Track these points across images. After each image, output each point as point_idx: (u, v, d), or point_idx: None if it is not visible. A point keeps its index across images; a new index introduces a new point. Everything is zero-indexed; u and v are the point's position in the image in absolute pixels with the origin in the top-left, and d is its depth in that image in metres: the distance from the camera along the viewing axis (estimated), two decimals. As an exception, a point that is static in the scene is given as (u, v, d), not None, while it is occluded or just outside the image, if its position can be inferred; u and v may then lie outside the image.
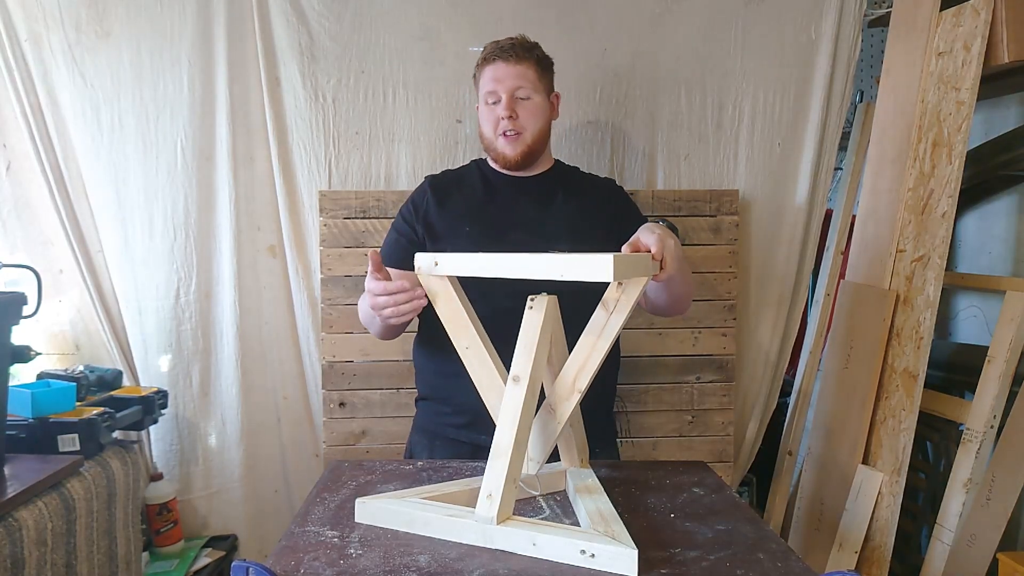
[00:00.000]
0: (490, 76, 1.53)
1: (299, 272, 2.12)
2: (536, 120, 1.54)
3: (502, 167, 1.58)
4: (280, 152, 2.07)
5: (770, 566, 0.96)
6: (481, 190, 1.60)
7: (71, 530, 1.49)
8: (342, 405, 2.07)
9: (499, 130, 1.53)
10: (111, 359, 2.09)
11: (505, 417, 1.07)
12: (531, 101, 1.53)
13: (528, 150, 1.54)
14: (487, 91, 1.53)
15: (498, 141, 1.54)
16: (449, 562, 0.97)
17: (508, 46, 1.53)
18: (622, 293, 1.08)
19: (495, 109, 1.53)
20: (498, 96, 1.52)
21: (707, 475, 1.34)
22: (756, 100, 2.15)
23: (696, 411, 2.14)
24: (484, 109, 1.56)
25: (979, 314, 2.15)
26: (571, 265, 1.01)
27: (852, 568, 1.82)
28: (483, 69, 1.55)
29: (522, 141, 1.53)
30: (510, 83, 1.51)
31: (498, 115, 1.52)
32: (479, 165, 1.67)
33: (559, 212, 1.56)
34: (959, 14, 1.78)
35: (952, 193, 1.75)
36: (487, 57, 1.54)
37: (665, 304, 1.48)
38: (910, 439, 1.77)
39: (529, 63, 1.53)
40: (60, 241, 2.04)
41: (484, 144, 1.60)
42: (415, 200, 1.62)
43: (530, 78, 1.52)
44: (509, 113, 1.51)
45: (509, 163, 1.56)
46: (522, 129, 1.53)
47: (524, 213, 1.56)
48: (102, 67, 1.99)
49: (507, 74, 1.51)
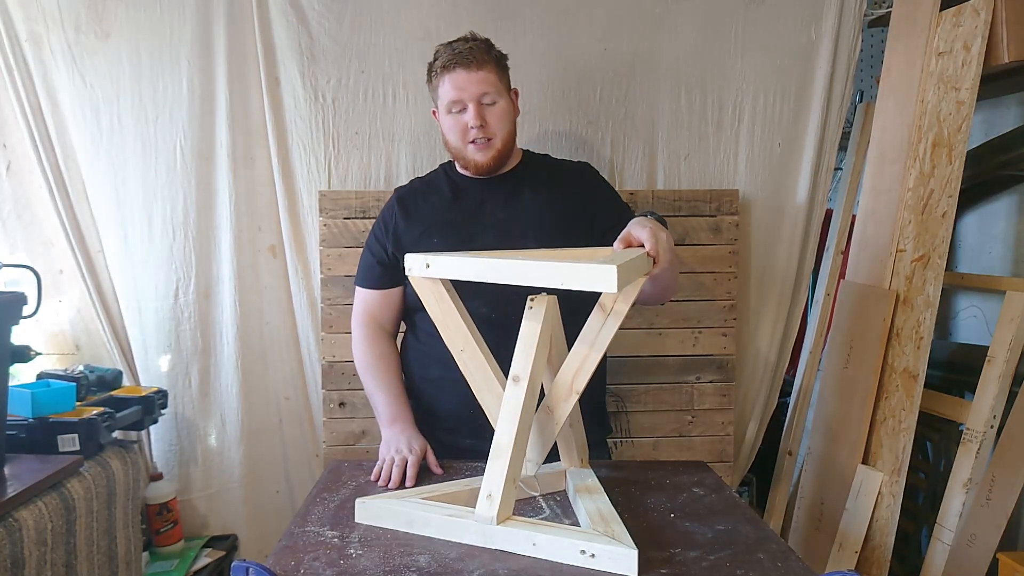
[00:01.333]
0: (452, 85, 1.48)
1: (299, 272, 2.12)
2: (504, 124, 1.51)
3: (474, 173, 1.56)
4: (280, 152, 2.07)
5: (770, 566, 0.96)
6: (449, 196, 1.59)
7: (71, 530, 1.49)
8: (342, 405, 2.07)
9: (468, 138, 1.50)
10: (111, 359, 2.09)
11: (505, 417, 1.07)
12: (497, 106, 1.49)
13: (499, 154, 1.52)
14: (450, 100, 1.48)
15: (467, 149, 1.51)
16: (449, 562, 0.97)
17: (466, 51, 1.48)
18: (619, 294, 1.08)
19: (460, 118, 1.49)
20: (463, 105, 1.48)
21: (707, 475, 1.34)
22: (756, 100, 2.14)
23: (696, 411, 2.14)
24: (448, 118, 1.51)
25: (979, 314, 2.15)
26: (572, 275, 0.98)
27: (852, 568, 1.82)
28: (442, 77, 1.49)
29: (492, 147, 1.51)
30: (474, 90, 1.47)
31: (466, 123, 1.48)
32: (446, 170, 1.64)
33: (527, 209, 1.55)
34: (959, 14, 1.78)
35: (952, 193, 1.75)
36: (445, 65, 1.48)
37: (650, 294, 1.46)
38: (910, 439, 1.77)
39: (490, 66, 1.49)
40: (60, 241, 2.04)
41: (452, 152, 1.57)
42: (384, 217, 1.61)
43: (492, 82, 1.48)
44: (480, 122, 1.47)
45: (481, 170, 1.54)
46: (492, 135, 1.50)
47: (492, 215, 1.54)
48: (101, 68, 1.99)
49: (470, 81, 1.46)
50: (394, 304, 1.60)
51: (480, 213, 1.55)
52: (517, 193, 1.57)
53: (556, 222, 1.52)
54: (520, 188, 1.57)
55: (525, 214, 1.54)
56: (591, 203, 1.55)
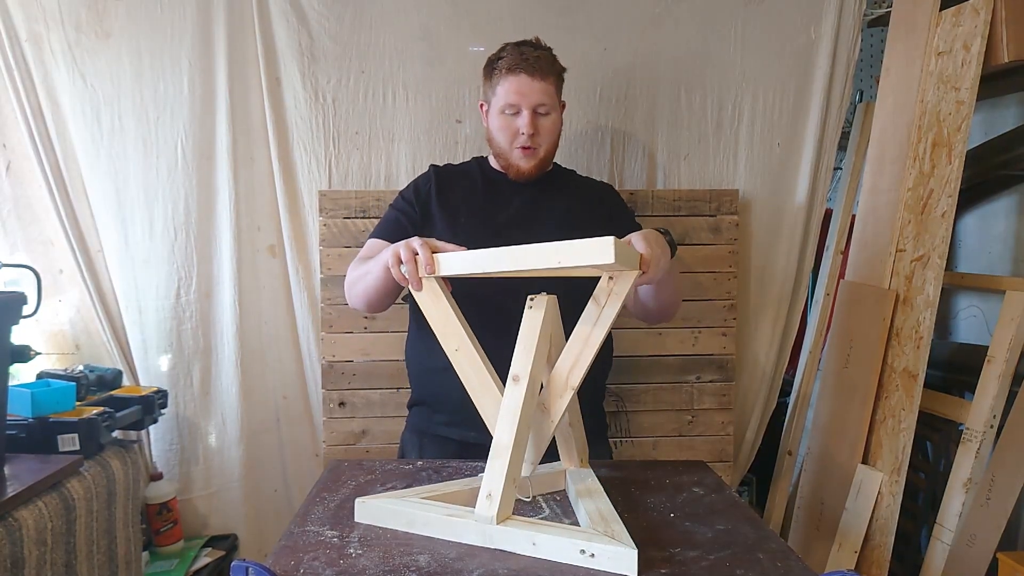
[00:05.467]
0: (512, 88, 1.49)
1: (299, 272, 2.12)
2: (552, 136, 1.55)
3: (513, 176, 1.58)
4: (280, 152, 2.08)
5: (770, 566, 0.96)
6: (481, 186, 1.61)
7: (71, 530, 1.49)
8: (342, 405, 2.07)
9: (517, 143, 1.52)
10: (111, 359, 2.09)
11: (505, 417, 1.07)
12: (549, 117, 1.53)
13: (541, 163, 1.56)
14: (508, 102, 1.50)
15: (514, 153, 1.54)
16: (449, 562, 0.97)
17: (534, 60, 1.49)
18: (613, 287, 1.09)
19: (513, 121, 1.51)
20: (519, 109, 1.50)
21: (707, 475, 1.34)
22: (756, 100, 2.15)
23: (696, 411, 2.14)
24: (499, 118, 1.53)
25: (979, 314, 2.15)
26: (569, 251, 1.00)
27: (852, 568, 1.82)
28: (504, 77, 1.50)
29: (536, 156, 1.54)
30: (534, 99, 1.49)
31: (517, 128, 1.51)
32: (480, 163, 1.67)
33: (552, 212, 1.57)
34: (959, 14, 1.78)
35: (952, 193, 1.75)
36: (511, 67, 1.49)
37: (654, 308, 1.50)
38: (910, 439, 1.77)
39: (551, 79, 1.51)
40: (60, 241, 2.04)
41: (495, 150, 1.58)
42: (418, 184, 1.62)
43: (550, 94, 1.51)
44: (532, 130, 1.50)
45: (522, 175, 1.56)
46: (539, 145, 1.53)
47: (519, 212, 1.57)
48: (102, 68, 1.99)
49: (532, 89, 1.49)
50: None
51: (508, 207, 1.57)
52: (545, 197, 1.59)
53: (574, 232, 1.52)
54: (548, 193, 1.60)
55: (551, 216, 1.57)
56: (608, 221, 1.55)
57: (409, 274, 1.16)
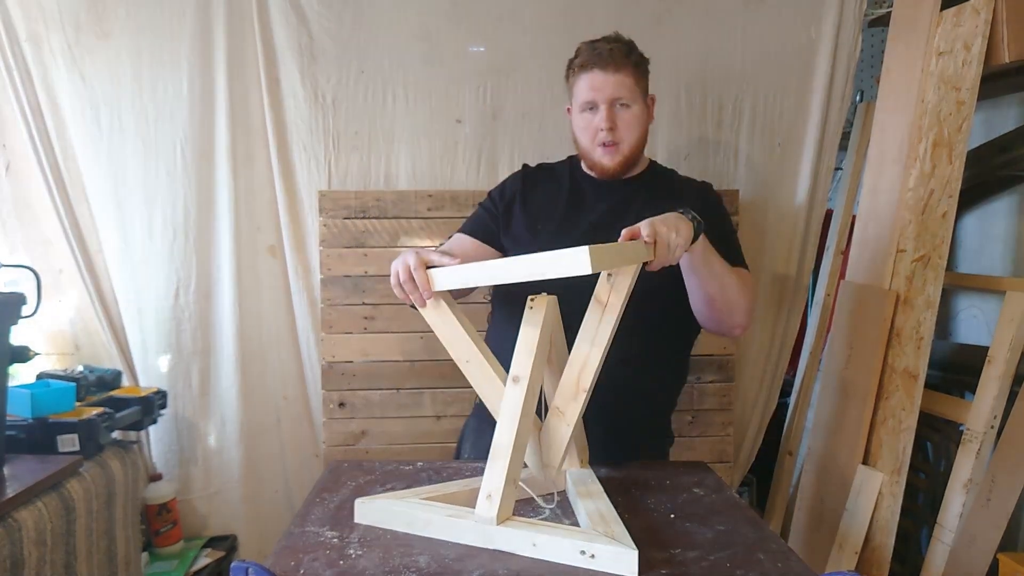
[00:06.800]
0: (587, 85, 1.46)
1: (299, 272, 2.12)
2: (634, 130, 1.50)
3: (598, 176, 1.55)
4: (280, 152, 2.07)
5: (770, 566, 0.96)
6: (568, 189, 1.58)
7: (71, 530, 1.48)
8: (342, 405, 2.07)
9: (597, 140, 1.48)
10: (110, 359, 2.09)
11: (505, 417, 1.07)
12: (630, 110, 1.48)
13: (625, 160, 1.51)
14: (584, 100, 1.47)
15: (596, 151, 1.50)
16: (449, 562, 0.96)
17: (606, 53, 1.46)
18: (612, 286, 1.09)
19: (592, 118, 1.48)
20: (595, 105, 1.47)
21: (707, 475, 1.34)
22: (756, 100, 2.14)
23: (696, 411, 2.14)
24: (579, 117, 1.50)
25: (979, 314, 2.15)
26: (547, 262, 1.00)
27: (852, 568, 1.81)
28: (578, 76, 1.48)
29: (620, 152, 1.49)
30: (609, 92, 1.45)
31: (596, 125, 1.47)
32: (572, 164, 1.63)
33: (642, 216, 1.52)
34: (959, 14, 1.77)
35: (952, 193, 1.74)
36: (583, 64, 1.47)
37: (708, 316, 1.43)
38: (910, 439, 1.77)
39: (627, 70, 1.47)
40: (60, 241, 2.04)
41: (580, 151, 1.55)
42: (506, 184, 1.62)
43: (628, 86, 1.47)
44: (610, 125, 1.46)
45: (607, 173, 1.52)
46: (620, 140, 1.48)
47: (600, 218, 1.52)
48: (101, 68, 1.99)
49: (606, 83, 1.45)
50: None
51: (590, 212, 1.53)
52: (632, 201, 1.53)
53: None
54: (637, 195, 1.54)
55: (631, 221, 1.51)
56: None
57: (409, 292, 1.16)
